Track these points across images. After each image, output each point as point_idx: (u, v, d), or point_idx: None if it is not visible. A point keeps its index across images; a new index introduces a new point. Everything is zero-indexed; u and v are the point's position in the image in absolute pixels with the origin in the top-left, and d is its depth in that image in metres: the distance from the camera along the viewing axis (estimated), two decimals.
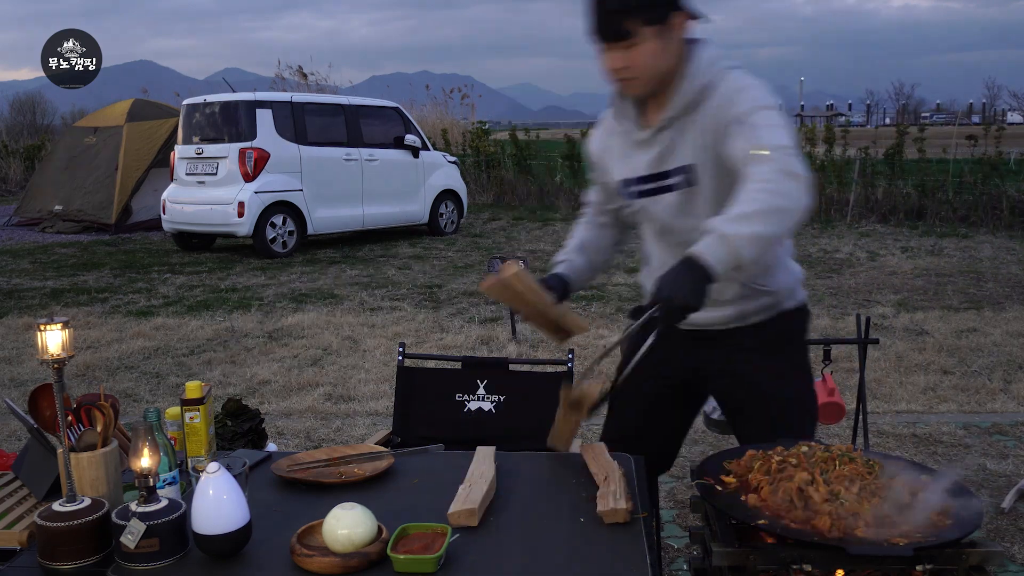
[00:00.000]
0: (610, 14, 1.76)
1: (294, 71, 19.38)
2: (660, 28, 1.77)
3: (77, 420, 1.76)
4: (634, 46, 1.77)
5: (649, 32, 1.76)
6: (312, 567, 1.41)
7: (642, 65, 1.79)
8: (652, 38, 1.76)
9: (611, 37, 1.78)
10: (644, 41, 1.76)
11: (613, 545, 1.50)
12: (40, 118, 33.00)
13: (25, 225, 12.77)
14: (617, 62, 1.80)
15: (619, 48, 1.78)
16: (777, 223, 1.60)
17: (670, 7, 1.79)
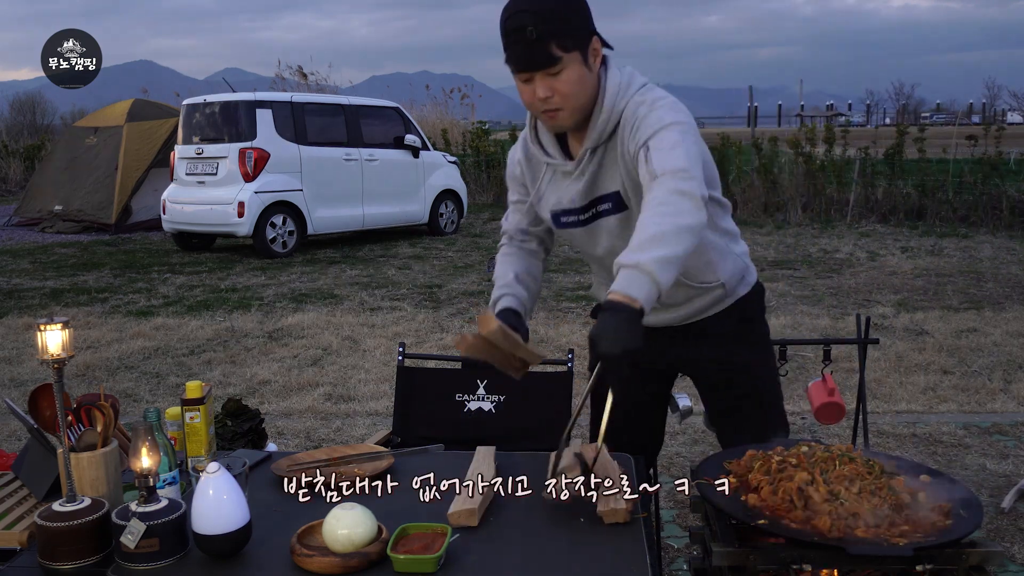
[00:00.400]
0: (535, 41, 1.68)
1: (294, 71, 19.38)
2: (582, 54, 1.72)
3: (77, 420, 1.76)
4: (559, 73, 1.71)
5: (572, 58, 1.71)
6: (312, 567, 1.41)
7: (568, 93, 1.73)
8: (575, 64, 1.72)
9: (537, 64, 1.70)
10: (568, 67, 1.71)
11: (613, 545, 1.50)
12: (40, 118, 33.00)
13: (25, 225, 12.78)
14: (542, 91, 1.73)
15: (544, 76, 1.72)
16: (681, 242, 1.57)
17: (589, 32, 1.75)
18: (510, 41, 1.71)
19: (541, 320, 6.33)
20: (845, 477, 1.53)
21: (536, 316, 6.45)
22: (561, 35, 1.69)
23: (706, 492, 1.59)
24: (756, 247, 9.82)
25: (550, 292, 7.39)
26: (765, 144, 13.40)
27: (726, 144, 13.19)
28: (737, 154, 13.25)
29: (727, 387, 2.06)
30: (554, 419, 2.48)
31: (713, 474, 1.64)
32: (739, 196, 12.76)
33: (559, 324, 6.19)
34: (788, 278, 7.88)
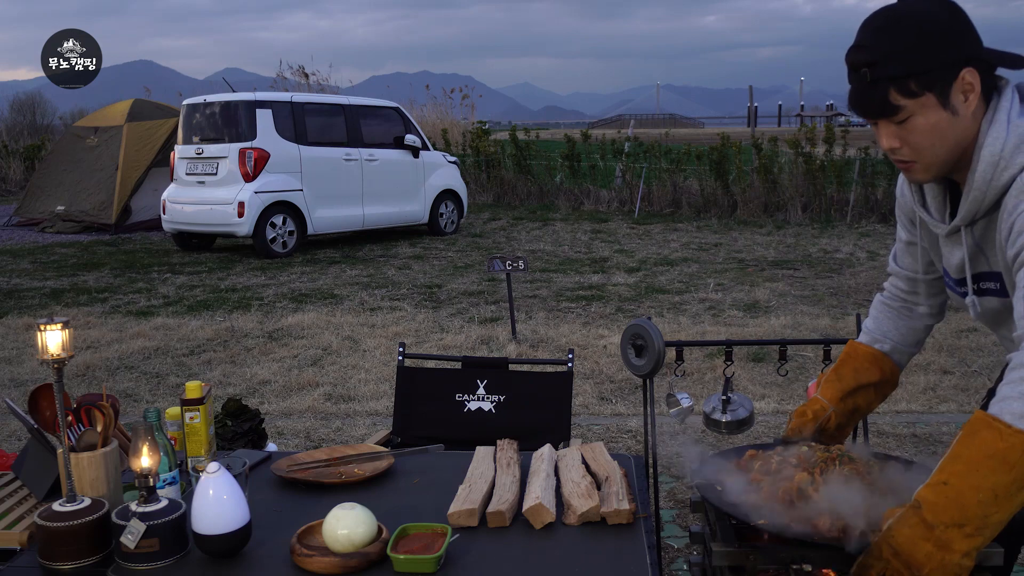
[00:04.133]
0: (870, 85, 1.38)
1: (295, 71, 19.39)
2: (939, 95, 1.37)
3: (77, 420, 1.76)
4: (904, 121, 1.39)
5: (924, 103, 1.37)
6: (312, 567, 1.41)
7: (918, 145, 1.41)
8: (928, 109, 1.38)
9: (873, 112, 1.41)
10: (917, 114, 1.38)
11: (614, 545, 1.50)
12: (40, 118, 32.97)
13: (25, 225, 12.77)
14: (887, 141, 1.43)
15: (887, 123, 1.41)
16: None
17: (955, 64, 1.37)
18: (850, 79, 1.42)
19: (541, 320, 6.33)
20: (845, 477, 1.53)
21: (536, 316, 6.45)
22: (904, 78, 1.36)
23: (705, 492, 1.59)
24: (756, 247, 9.83)
25: (550, 292, 7.39)
26: (765, 144, 13.40)
27: (726, 144, 13.19)
28: (737, 154, 13.25)
29: None
30: (554, 419, 2.48)
31: (713, 474, 1.64)
32: (739, 196, 12.77)
33: (559, 324, 6.19)
34: (788, 278, 7.88)
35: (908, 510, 1.27)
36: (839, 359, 1.84)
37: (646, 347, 2.24)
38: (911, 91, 1.37)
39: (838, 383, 1.80)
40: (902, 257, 1.77)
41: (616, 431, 4.13)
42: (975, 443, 1.25)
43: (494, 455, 1.86)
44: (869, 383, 1.80)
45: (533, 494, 1.61)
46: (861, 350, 1.82)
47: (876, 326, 1.83)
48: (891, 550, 1.26)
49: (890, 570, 1.26)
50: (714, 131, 17.56)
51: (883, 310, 1.84)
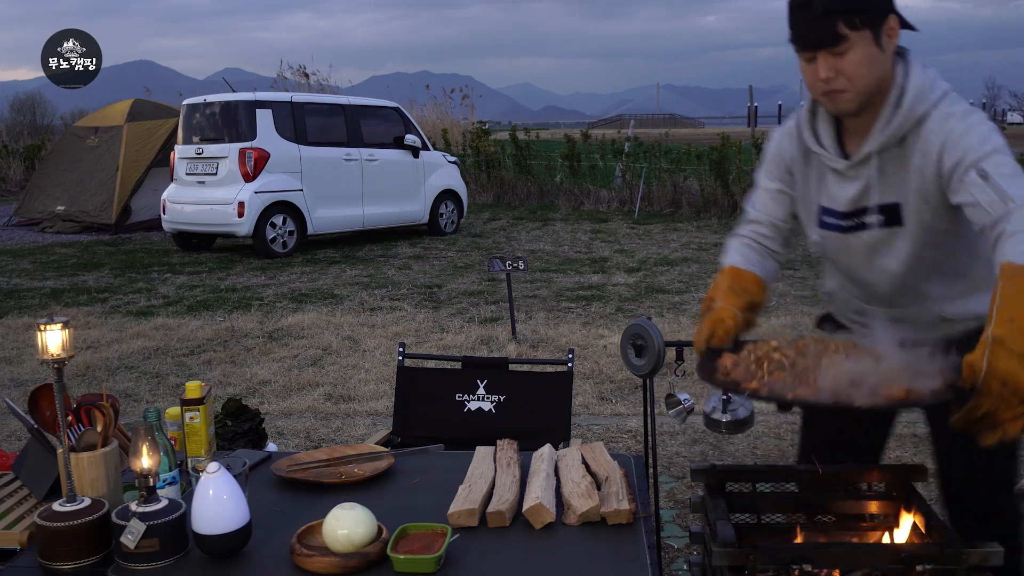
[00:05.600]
0: (821, 16, 1.58)
1: (295, 71, 19.39)
2: (874, 33, 1.60)
3: (77, 420, 1.76)
4: (846, 52, 1.59)
5: (863, 37, 1.59)
6: (312, 567, 1.41)
7: (854, 74, 1.61)
8: (866, 44, 1.59)
9: (821, 43, 1.60)
10: (857, 47, 1.59)
11: (614, 545, 1.50)
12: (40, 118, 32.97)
13: (25, 225, 12.77)
14: (826, 71, 1.62)
15: (829, 55, 1.61)
16: None
17: (885, 8, 1.62)
18: (795, 17, 1.63)
19: (541, 320, 6.33)
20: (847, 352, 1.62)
21: (536, 316, 6.45)
22: (850, 11, 1.58)
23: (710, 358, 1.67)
24: None
25: (550, 292, 7.39)
26: (765, 144, 13.38)
27: (726, 144, 13.18)
28: (737, 154, 13.25)
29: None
30: (554, 419, 2.48)
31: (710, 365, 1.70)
32: (739, 196, 12.77)
33: (559, 324, 6.19)
34: (788, 278, 7.88)
35: (995, 347, 1.40)
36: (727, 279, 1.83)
37: (646, 347, 2.24)
38: (855, 24, 1.58)
39: (744, 295, 1.81)
40: (767, 205, 1.93)
41: (616, 431, 4.13)
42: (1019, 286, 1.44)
43: (494, 455, 1.86)
44: (758, 303, 1.83)
45: (533, 494, 1.61)
46: (746, 273, 1.85)
47: (745, 259, 1.88)
48: (999, 383, 1.38)
49: (1000, 401, 1.39)
50: (714, 131, 17.57)
51: (745, 251, 1.91)
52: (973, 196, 1.58)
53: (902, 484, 1.77)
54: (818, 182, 1.83)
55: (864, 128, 1.73)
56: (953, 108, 1.66)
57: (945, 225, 1.71)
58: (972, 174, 1.58)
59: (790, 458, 3.78)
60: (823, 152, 1.78)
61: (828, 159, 1.77)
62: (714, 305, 1.78)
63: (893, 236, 1.75)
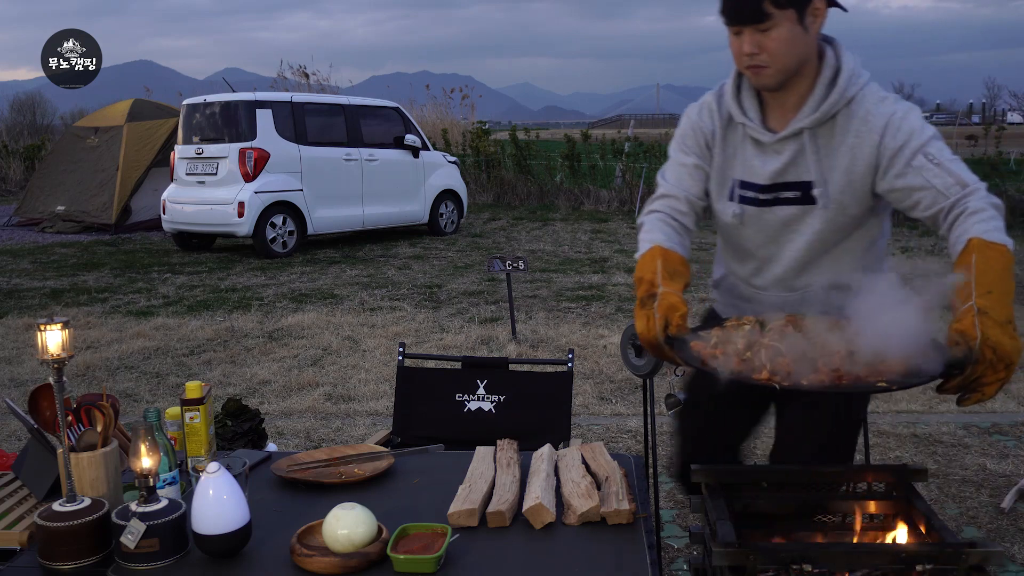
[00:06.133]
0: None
1: (295, 71, 19.37)
2: (799, 13, 1.65)
3: (77, 420, 1.76)
4: (769, 30, 1.65)
5: (787, 16, 1.64)
6: (312, 567, 1.41)
7: (776, 52, 1.67)
8: (789, 23, 1.65)
9: (747, 18, 1.65)
10: (780, 25, 1.65)
11: (613, 545, 1.50)
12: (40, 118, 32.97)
13: (25, 225, 12.77)
14: (749, 46, 1.68)
15: (752, 31, 1.66)
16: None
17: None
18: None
19: (541, 320, 6.33)
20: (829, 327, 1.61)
21: (536, 316, 6.45)
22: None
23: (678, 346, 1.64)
24: None
25: (550, 292, 7.39)
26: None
27: None
28: None
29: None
30: (554, 419, 2.48)
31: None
32: None
33: (559, 324, 6.19)
34: None
35: (982, 317, 1.51)
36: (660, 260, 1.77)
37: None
38: (780, 3, 1.63)
39: (680, 277, 1.77)
40: (683, 180, 1.92)
41: (616, 431, 4.13)
42: (990, 261, 1.55)
43: (494, 455, 1.86)
44: (688, 285, 1.81)
45: (533, 494, 1.61)
46: (673, 254, 1.80)
47: (668, 238, 1.84)
48: (991, 350, 1.48)
49: (989, 367, 1.49)
50: None
51: (666, 228, 1.87)
52: (927, 180, 1.66)
53: (902, 484, 1.77)
54: (735, 156, 1.85)
55: (787, 104, 1.77)
56: (884, 93, 1.74)
57: (856, 211, 1.78)
58: (921, 158, 1.66)
59: None
60: (750, 124, 1.80)
61: (755, 131, 1.80)
62: (657, 290, 1.72)
63: (807, 214, 1.79)
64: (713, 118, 1.88)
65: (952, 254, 1.65)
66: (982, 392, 1.51)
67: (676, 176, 1.92)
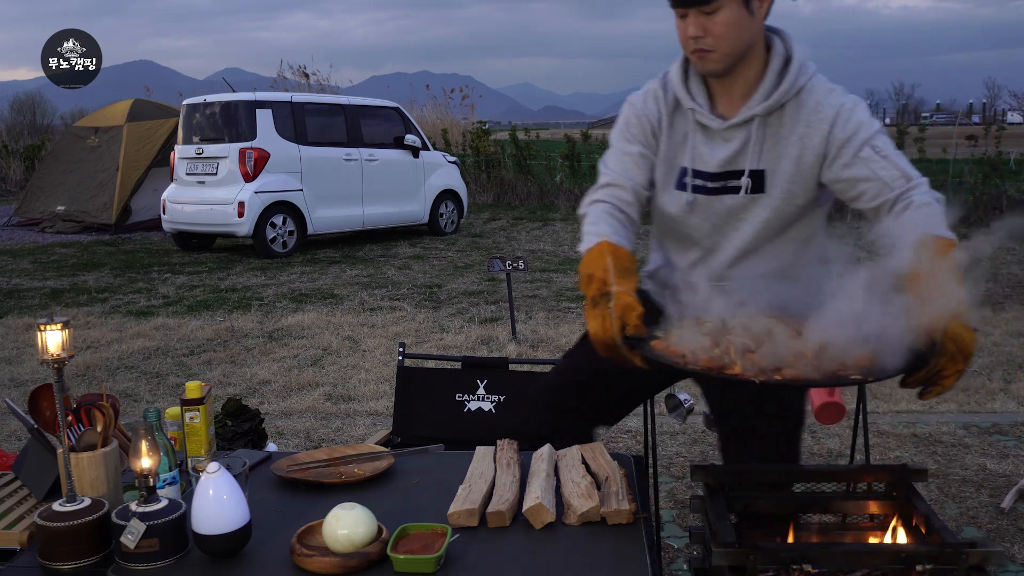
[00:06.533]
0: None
1: (295, 71, 19.36)
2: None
3: (77, 420, 1.76)
4: (715, 12, 1.64)
5: (732, 0, 1.64)
6: (312, 567, 1.41)
7: (722, 35, 1.66)
8: (735, 6, 1.64)
9: (691, 1, 1.65)
10: (726, 7, 1.64)
11: (613, 545, 1.50)
12: (40, 118, 32.97)
13: (25, 225, 12.78)
14: (695, 29, 1.67)
15: (699, 14, 1.65)
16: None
17: None
18: None
19: (541, 320, 6.33)
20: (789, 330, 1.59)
21: (536, 316, 6.45)
22: None
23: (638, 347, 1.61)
24: None
25: (550, 292, 7.39)
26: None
27: None
28: None
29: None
30: None
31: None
32: None
33: (559, 324, 6.19)
34: None
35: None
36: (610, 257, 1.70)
37: None
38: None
39: (631, 275, 1.72)
40: (629, 169, 1.85)
41: (616, 431, 4.13)
42: (942, 255, 1.58)
43: (494, 455, 1.86)
44: (638, 283, 1.76)
45: (533, 494, 1.61)
46: (622, 250, 1.74)
47: (613, 231, 1.77)
48: (953, 344, 1.51)
49: (950, 360, 1.51)
50: None
51: (612, 221, 1.81)
52: (873, 171, 1.68)
53: (902, 484, 1.77)
54: (682, 143, 1.83)
55: (734, 91, 1.76)
56: (832, 84, 1.75)
57: (802, 200, 1.78)
58: (868, 150, 1.68)
59: None
60: (699, 109, 1.78)
61: (704, 117, 1.78)
62: (611, 289, 1.65)
63: (754, 203, 1.79)
64: (659, 105, 1.85)
65: (899, 247, 1.64)
66: (942, 385, 1.53)
67: (621, 165, 1.87)
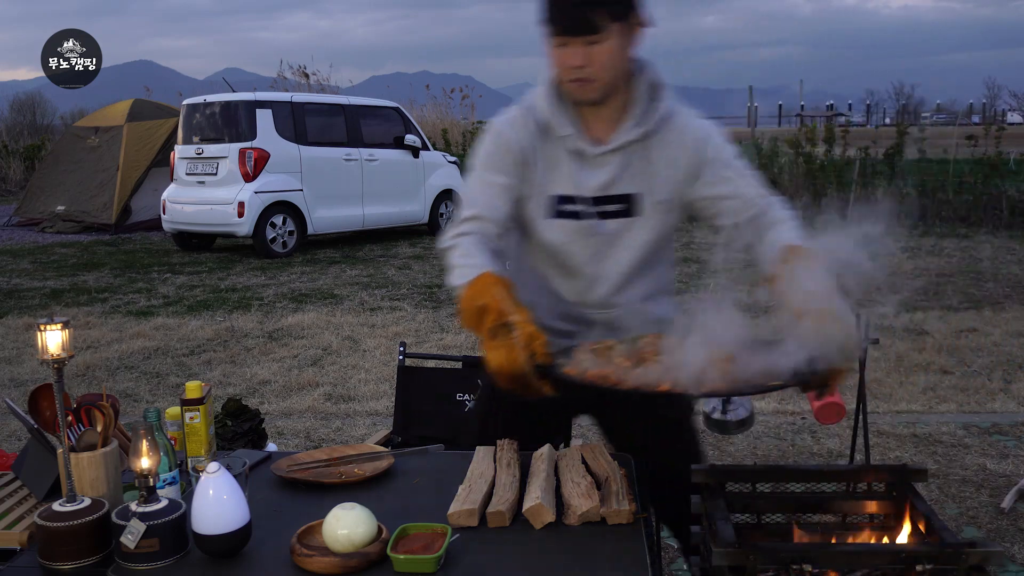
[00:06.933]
0: (583, 4, 1.60)
1: (295, 71, 19.36)
2: (623, 27, 1.65)
3: (77, 420, 1.76)
4: (597, 42, 1.62)
5: (614, 29, 1.63)
6: (312, 567, 1.41)
7: (604, 65, 1.65)
8: (616, 36, 1.63)
9: (576, 29, 1.62)
10: (608, 38, 1.62)
11: (613, 545, 1.50)
12: (40, 118, 32.96)
13: (25, 225, 12.78)
14: (576, 59, 1.64)
15: (580, 43, 1.63)
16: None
17: (635, 5, 1.67)
18: (555, 2, 1.63)
19: None
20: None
21: None
22: (614, 3, 1.62)
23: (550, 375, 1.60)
24: None
25: None
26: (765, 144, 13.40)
27: None
28: None
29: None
30: None
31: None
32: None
33: None
34: None
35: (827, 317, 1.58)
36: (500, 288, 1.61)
37: None
38: (615, 16, 1.62)
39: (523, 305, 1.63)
40: (493, 200, 1.78)
41: None
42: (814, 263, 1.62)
43: (494, 455, 1.86)
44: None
45: (533, 494, 1.61)
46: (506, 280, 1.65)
47: (488, 261, 1.70)
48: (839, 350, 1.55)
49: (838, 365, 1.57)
50: None
51: (484, 251, 1.72)
52: (736, 189, 1.78)
53: (902, 484, 1.77)
54: (553, 170, 1.79)
55: (605, 117, 1.77)
56: (690, 109, 1.83)
57: (675, 220, 1.85)
58: (731, 170, 1.79)
59: (790, 458, 3.78)
60: (575, 136, 1.76)
61: (581, 144, 1.76)
62: (511, 319, 1.58)
63: (632, 226, 1.81)
64: (527, 133, 1.79)
65: (767, 259, 1.73)
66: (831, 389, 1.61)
67: (486, 196, 1.79)
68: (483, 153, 1.83)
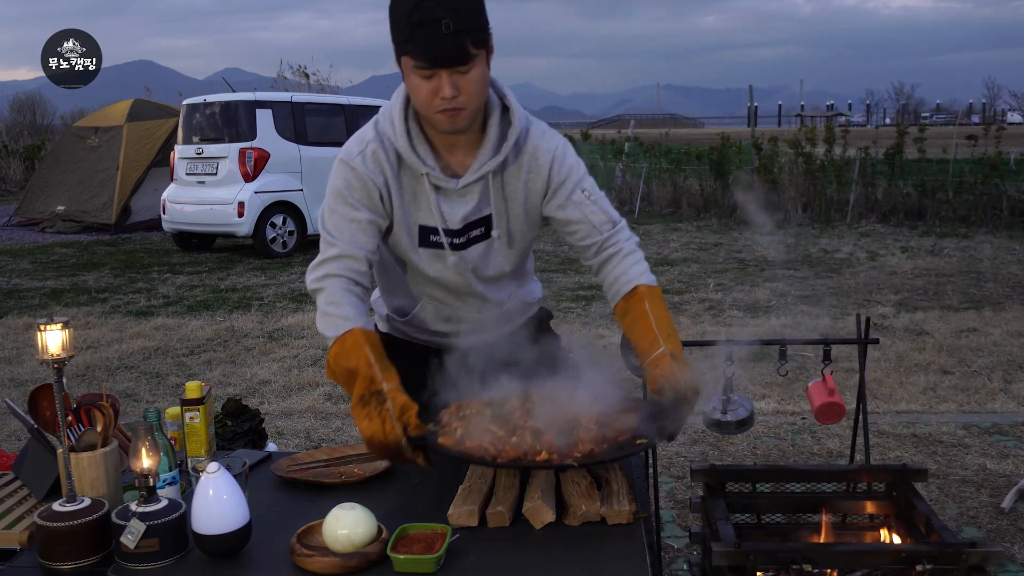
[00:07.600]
0: (452, 35, 1.52)
1: (295, 71, 19.36)
2: (487, 51, 1.61)
3: (77, 420, 1.76)
4: (469, 71, 1.58)
5: (482, 56, 1.59)
6: (312, 567, 1.41)
7: (474, 93, 1.61)
8: (483, 62, 1.61)
9: (450, 61, 1.55)
10: (478, 65, 1.59)
11: (613, 545, 1.50)
12: (40, 118, 32.99)
13: (25, 225, 12.78)
14: (450, 89, 1.57)
15: (452, 73, 1.57)
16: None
17: (488, 29, 1.62)
18: (419, 34, 1.54)
19: None
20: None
21: None
22: (478, 30, 1.56)
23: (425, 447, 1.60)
24: (756, 247, 9.83)
25: (550, 292, 7.39)
26: (765, 144, 13.40)
27: (726, 144, 13.18)
28: (737, 154, 13.24)
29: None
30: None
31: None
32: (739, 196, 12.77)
33: (559, 324, 6.19)
34: (788, 278, 7.89)
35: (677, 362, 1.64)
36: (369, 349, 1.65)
37: None
38: (480, 43, 1.57)
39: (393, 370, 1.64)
40: (358, 237, 1.75)
41: None
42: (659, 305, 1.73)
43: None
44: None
45: (533, 494, 1.61)
46: (372, 334, 1.69)
47: (359, 314, 1.72)
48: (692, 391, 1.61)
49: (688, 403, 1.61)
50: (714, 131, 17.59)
51: (354, 301, 1.74)
52: (584, 215, 1.76)
53: (902, 484, 1.77)
54: (415, 201, 1.77)
55: (458, 145, 1.73)
56: (541, 125, 1.79)
57: (533, 235, 1.86)
58: (579, 193, 1.76)
59: (790, 458, 3.78)
60: (434, 173, 1.73)
61: (439, 180, 1.73)
62: (382, 388, 1.58)
63: (499, 243, 1.82)
64: (383, 168, 1.76)
65: (613, 293, 1.79)
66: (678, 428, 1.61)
67: (348, 232, 1.75)
68: (339, 188, 1.77)
